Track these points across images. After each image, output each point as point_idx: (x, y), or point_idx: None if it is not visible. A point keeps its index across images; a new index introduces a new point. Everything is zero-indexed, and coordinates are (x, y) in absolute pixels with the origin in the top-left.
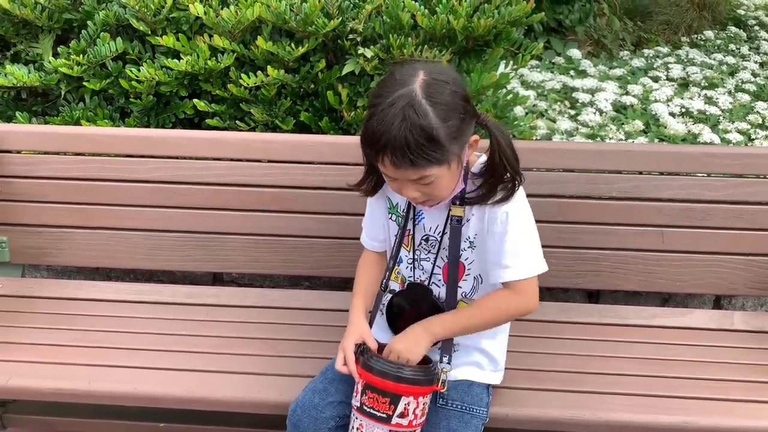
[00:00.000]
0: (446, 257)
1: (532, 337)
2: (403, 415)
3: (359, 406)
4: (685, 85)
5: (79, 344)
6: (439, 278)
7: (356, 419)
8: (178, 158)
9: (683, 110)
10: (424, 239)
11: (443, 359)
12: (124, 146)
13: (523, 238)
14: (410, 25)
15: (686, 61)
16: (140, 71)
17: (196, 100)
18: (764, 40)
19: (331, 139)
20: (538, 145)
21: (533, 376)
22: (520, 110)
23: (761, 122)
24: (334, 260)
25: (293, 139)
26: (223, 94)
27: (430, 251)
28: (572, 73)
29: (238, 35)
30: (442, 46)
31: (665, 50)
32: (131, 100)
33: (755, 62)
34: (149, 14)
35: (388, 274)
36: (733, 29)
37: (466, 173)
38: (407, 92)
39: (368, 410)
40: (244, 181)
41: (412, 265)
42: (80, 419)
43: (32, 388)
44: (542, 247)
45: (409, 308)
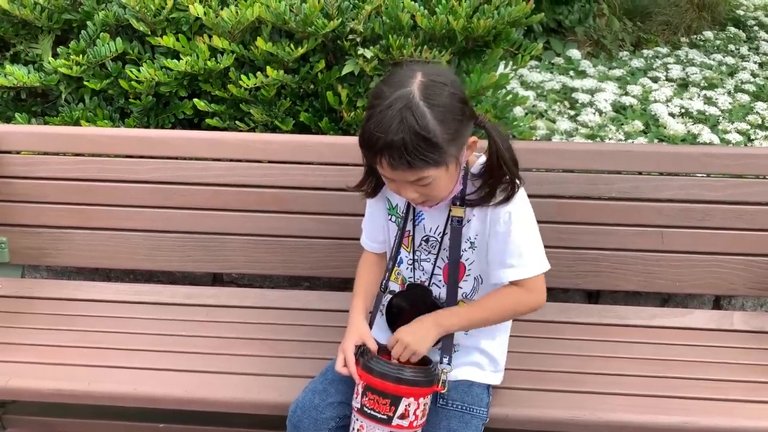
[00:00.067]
0: (447, 258)
1: (532, 337)
2: (403, 416)
3: (360, 407)
4: (684, 85)
5: (78, 345)
6: (439, 279)
7: (357, 420)
8: (177, 159)
9: (683, 110)
10: (424, 240)
11: (443, 360)
12: (123, 147)
13: (527, 237)
14: (410, 25)
15: (686, 61)
16: (140, 72)
17: (195, 99)
18: (763, 40)
19: (330, 139)
20: (537, 145)
21: (533, 376)
22: (519, 111)
23: (761, 122)
24: (333, 261)
25: (293, 139)
26: (222, 94)
27: (430, 252)
28: (572, 73)
29: (237, 36)
30: (441, 46)
31: (665, 51)
32: (131, 100)
33: (755, 62)
34: (149, 15)
35: (387, 275)
36: (732, 30)
37: (465, 174)
38: (405, 94)
39: (369, 412)
40: (243, 181)
41: (412, 265)
42: (80, 420)
43: (32, 388)
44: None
45: (408, 309)
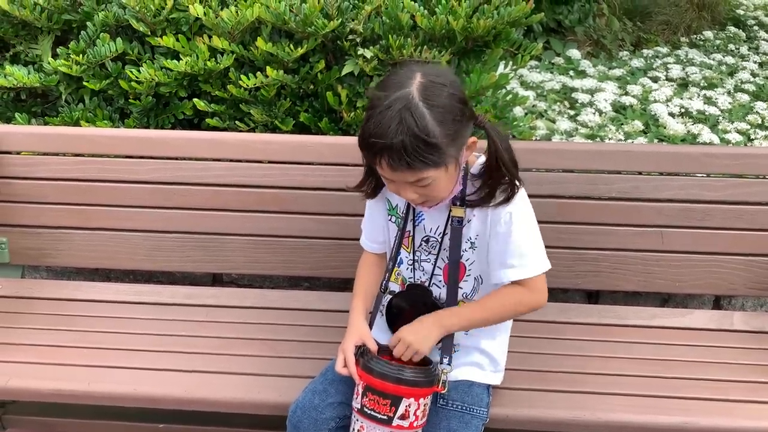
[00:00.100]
0: (447, 258)
1: (531, 337)
2: (404, 416)
3: (360, 407)
4: (684, 85)
5: (78, 345)
6: (439, 279)
7: (357, 421)
8: (177, 159)
9: (682, 110)
10: (424, 240)
11: (443, 360)
12: (123, 147)
13: (528, 237)
14: (410, 25)
15: (685, 61)
16: (140, 72)
17: (195, 99)
18: (763, 40)
19: (330, 139)
20: (537, 145)
21: (533, 376)
22: (519, 111)
23: (761, 122)
24: (333, 261)
25: (293, 139)
26: (222, 94)
27: (430, 252)
28: (572, 73)
29: (237, 36)
30: (441, 46)
31: (664, 50)
32: (131, 100)
33: (754, 62)
34: (149, 15)
35: (387, 275)
36: (732, 29)
37: (465, 174)
38: (404, 95)
39: (369, 412)
40: (243, 181)
41: (412, 266)
42: (80, 420)
43: (32, 389)
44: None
45: (408, 309)
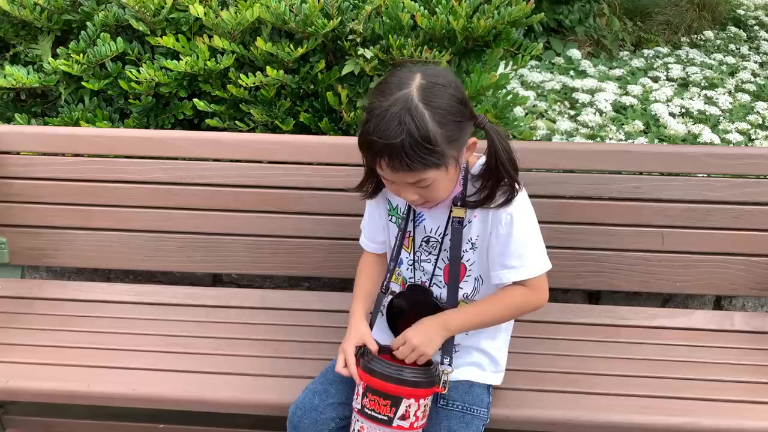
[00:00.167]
0: (447, 258)
1: (532, 338)
2: (404, 417)
3: (360, 408)
4: (685, 85)
5: (78, 345)
6: (440, 279)
7: (357, 421)
8: (177, 159)
9: (683, 110)
10: (424, 241)
11: (444, 361)
12: (123, 147)
13: (528, 238)
14: (410, 25)
15: (686, 61)
16: (140, 72)
17: (195, 99)
18: (764, 39)
19: (330, 140)
20: (538, 145)
21: (533, 377)
22: (519, 111)
23: (761, 122)
24: (334, 261)
25: (293, 139)
26: (222, 94)
27: (431, 253)
28: (572, 73)
29: (237, 36)
30: (441, 46)
31: (665, 50)
32: (130, 101)
33: (755, 62)
34: (149, 15)
35: (389, 275)
36: (732, 29)
37: (466, 175)
38: (404, 96)
39: (369, 413)
40: (243, 182)
41: (412, 266)
42: (79, 420)
43: (31, 389)
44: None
45: (409, 309)
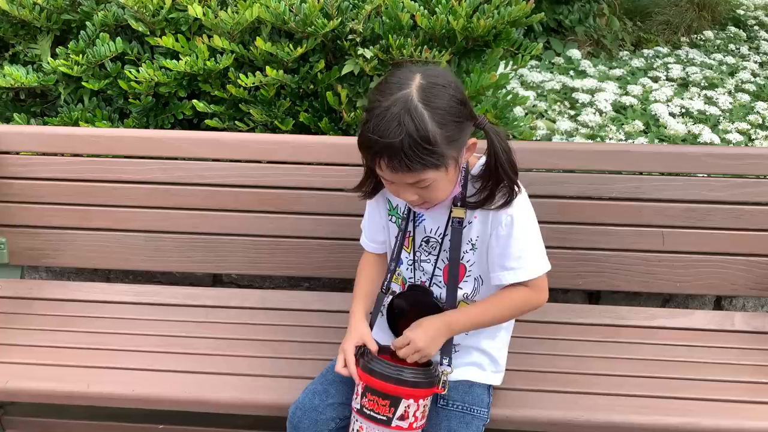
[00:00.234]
0: (447, 259)
1: (532, 338)
2: (403, 417)
3: (359, 408)
4: (684, 85)
5: (78, 346)
6: (439, 279)
7: (356, 421)
8: (177, 159)
9: (683, 110)
10: (424, 241)
11: (443, 361)
12: (122, 147)
13: (528, 240)
14: (410, 25)
15: (686, 61)
16: (139, 72)
17: (195, 100)
18: (764, 39)
19: (330, 140)
20: (538, 145)
21: (533, 377)
22: (519, 110)
23: (761, 122)
24: (333, 261)
25: (292, 139)
26: (222, 94)
27: (430, 253)
28: (572, 73)
29: (237, 36)
30: (441, 46)
31: (665, 50)
32: (130, 100)
33: (755, 62)
34: (148, 15)
35: (389, 275)
36: (732, 29)
37: (466, 176)
38: (404, 96)
39: (368, 413)
40: (243, 182)
41: (412, 266)
42: (79, 421)
43: (31, 390)
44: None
45: (409, 310)
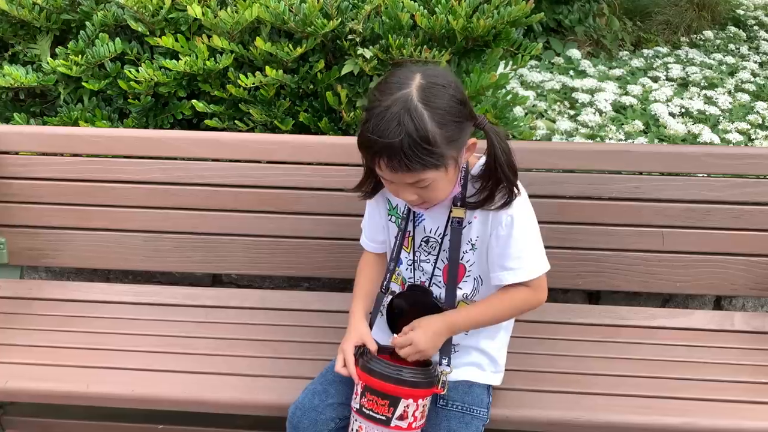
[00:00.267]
0: (447, 259)
1: (532, 338)
2: (402, 417)
3: (358, 408)
4: (684, 85)
5: (77, 346)
6: (439, 279)
7: (355, 421)
8: (176, 159)
9: (683, 110)
10: (424, 241)
11: (442, 361)
12: (122, 147)
13: (528, 240)
14: (409, 25)
15: (686, 61)
16: (139, 72)
17: (194, 100)
18: (764, 39)
19: (330, 140)
20: (537, 145)
21: (533, 377)
22: (519, 110)
23: (761, 122)
24: (333, 261)
25: (292, 139)
26: (221, 94)
27: (430, 253)
28: (572, 73)
29: (236, 36)
30: (441, 46)
31: (665, 50)
32: (130, 100)
33: (755, 62)
34: (147, 15)
35: (389, 275)
36: (732, 29)
37: (466, 176)
38: (404, 96)
39: (367, 412)
40: (242, 182)
41: (412, 266)
42: (78, 421)
43: (30, 390)
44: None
45: (409, 310)
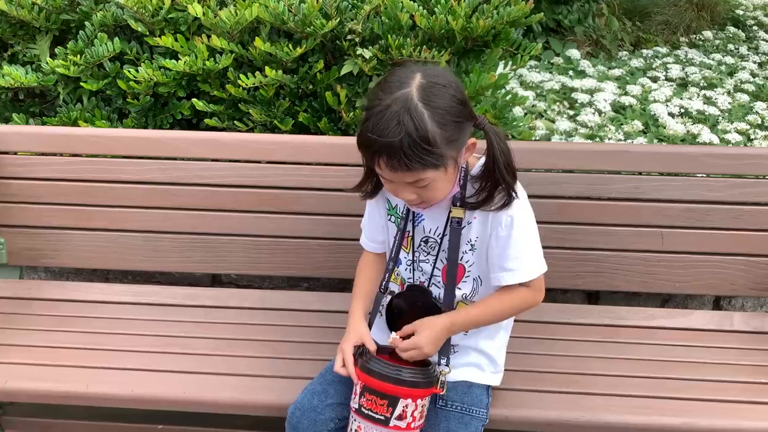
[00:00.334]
0: (446, 259)
1: (531, 338)
2: (401, 417)
3: (357, 408)
4: (683, 85)
5: (77, 346)
6: (438, 280)
7: (354, 421)
8: (176, 159)
9: (682, 110)
10: (423, 241)
11: (441, 361)
12: (121, 147)
13: (527, 242)
14: (409, 25)
15: (685, 61)
16: (138, 72)
17: (194, 99)
18: (763, 40)
19: (329, 140)
20: (537, 145)
21: (532, 377)
22: (519, 111)
23: (760, 122)
24: (333, 261)
25: (292, 140)
26: (221, 94)
27: (429, 253)
28: (571, 73)
29: (236, 36)
30: (440, 46)
31: (664, 50)
32: (129, 100)
33: (754, 62)
34: (147, 15)
35: (387, 275)
36: (731, 29)
37: (465, 176)
38: (404, 95)
39: (366, 412)
40: (242, 182)
41: (411, 266)
42: (78, 421)
43: (30, 390)
44: (542, 248)
45: (408, 310)
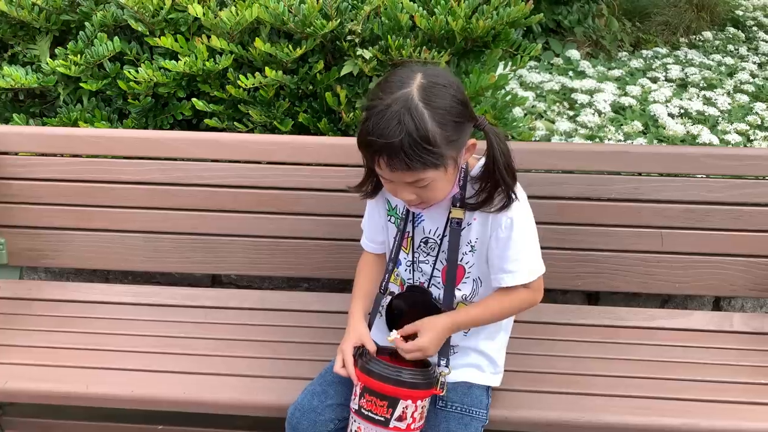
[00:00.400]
0: (445, 260)
1: (531, 339)
2: (401, 418)
3: (357, 408)
4: (683, 85)
5: (77, 347)
6: (438, 281)
7: (354, 422)
8: (176, 159)
9: (682, 111)
10: (423, 242)
11: (441, 362)
12: (121, 148)
13: (526, 243)
14: (409, 26)
15: (685, 61)
16: (138, 72)
17: (194, 99)
18: (763, 40)
19: (329, 140)
20: (537, 146)
21: (532, 378)
22: (518, 111)
23: (760, 123)
24: (333, 262)
25: (291, 140)
26: (221, 95)
27: (429, 254)
28: (571, 74)
29: (236, 36)
30: (440, 47)
31: (664, 51)
32: (129, 101)
33: (754, 63)
34: (147, 15)
35: (387, 276)
36: (731, 30)
37: (465, 176)
38: (404, 95)
39: (366, 413)
40: (242, 182)
41: (411, 267)
42: (78, 422)
43: (30, 390)
44: (541, 248)
45: (408, 310)
